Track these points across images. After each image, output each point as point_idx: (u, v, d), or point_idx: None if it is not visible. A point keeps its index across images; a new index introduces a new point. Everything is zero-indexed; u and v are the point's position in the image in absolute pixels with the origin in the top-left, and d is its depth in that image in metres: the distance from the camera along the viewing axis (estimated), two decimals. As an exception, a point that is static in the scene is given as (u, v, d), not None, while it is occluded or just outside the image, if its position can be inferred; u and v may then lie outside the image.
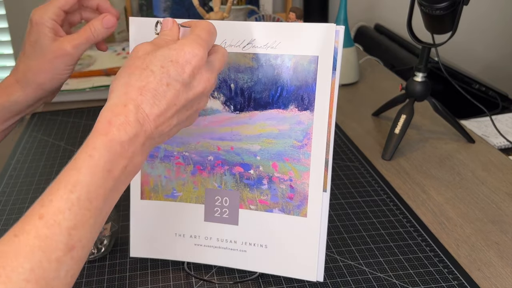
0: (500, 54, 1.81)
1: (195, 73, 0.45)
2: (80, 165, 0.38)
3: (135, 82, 0.43)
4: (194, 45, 0.45)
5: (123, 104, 0.41)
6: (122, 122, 0.41)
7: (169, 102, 0.43)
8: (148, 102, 0.42)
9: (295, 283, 0.62)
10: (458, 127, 0.96)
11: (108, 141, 0.40)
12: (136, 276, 0.63)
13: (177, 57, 0.44)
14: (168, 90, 0.43)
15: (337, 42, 0.55)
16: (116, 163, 0.40)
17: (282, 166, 0.59)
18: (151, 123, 0.42)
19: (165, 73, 0.43)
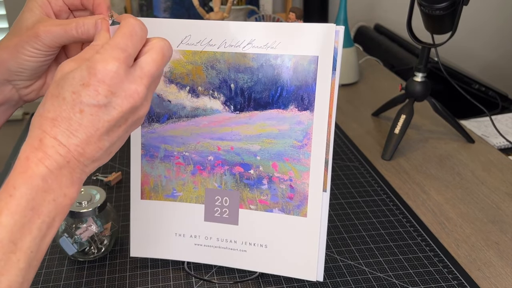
0: (499, 54, 1.81)
1: (114, 91, 0.40)
2: (1, 207, 0.36)
3: (47, 113, 0.40)
4: (106, 60, 0.40)
5: (38, 138, 0.39)
6: (40, 158, 0.38)
7: (88, 130, 0.40)
8: (63, 134, 0.39)
9: (295, 283, 0.62)
10: (458, 127, 0.96)
11: (28, 177, 0.38)
12: (136, 276, 0.63)
13: (89, 78, 0.39)
14: (83, 117, 0.39)
15: (337, 42, 0.55)
16: (40, 200, 0.38)
17: (282, 166, 0.59)
18: (73, 153, 0.40)
19: (77, 99, 0.39)
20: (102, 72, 0.39)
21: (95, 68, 0.39)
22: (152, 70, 0.43)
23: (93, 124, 0.40)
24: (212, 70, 0.58)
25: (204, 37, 0.57)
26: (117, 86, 0.40)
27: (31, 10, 0.49)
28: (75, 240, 0.64)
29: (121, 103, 0.40)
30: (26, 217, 0.37)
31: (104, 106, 0.40)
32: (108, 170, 0.86)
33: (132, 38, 0.42)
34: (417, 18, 0.88)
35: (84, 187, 0.67)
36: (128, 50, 0.41)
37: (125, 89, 0.41)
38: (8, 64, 0.48)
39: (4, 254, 0.35)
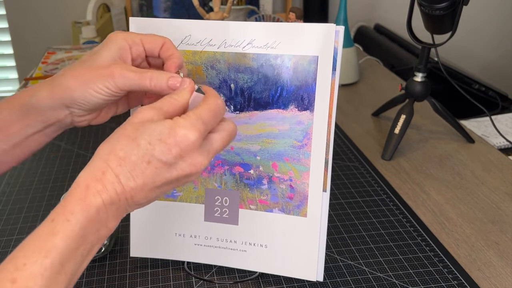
0: (500, 54, 1.81)
1: (183, 156, 0.43)
2: (58, 230, 0.39)
3: (119, 151, 0.42)
4: (189, 128, 0.43)
5: (102, 171, 0.42)
6: (99, 190, 0.41)
7: (147, 179, 0.43)
8: (125, 175, 0.42)
9: (295, 283, 0.62)
10: (458, 127, 0.96)
11: (86, 206, 0.40)
12: (136, 276, 0.63)
13: (167, 137, 0.43)
14: (148, 167, 0.42)
15: (337, 42, 0.55)
16: (90, 228, 0.40)
17: (282, 166, 0.59)
18: (127, 194, 0.42)
19: (150, 150, 0.42)
20: (182, 137, 0.43)
21: (176, 131, 0.43)
22: (219, 149, 0.47)
23: (153, 176, 0.43)
24: (212, 70, 0.58)
25: (204, 37, 0.57)
26: (188, 153, 0.43)
27: (110, 50, 0.51)
28: (75, 240, 0.64)
29: (184, 168, 0.44)
30: (76, 242, 0.39)
31: (169, 165, 0.43)
32: (108, 170, 0.86)
33: (214, 116, 0.46)
34: (417, 18, 0.88)
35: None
36: (208, 126, 0.45)
37: (193, 157, 0.44)
38: (73, 94, 0.49)
39: (52, 274, 0.38)
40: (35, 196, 0.81)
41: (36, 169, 0.89)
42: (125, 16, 1.61)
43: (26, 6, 1.68)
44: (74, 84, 0.49)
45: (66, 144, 0.98)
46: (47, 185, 0.84)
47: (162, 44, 0.52)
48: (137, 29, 0.58)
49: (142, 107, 0.45)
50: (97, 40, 1.47)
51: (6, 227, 0.74)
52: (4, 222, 0.75)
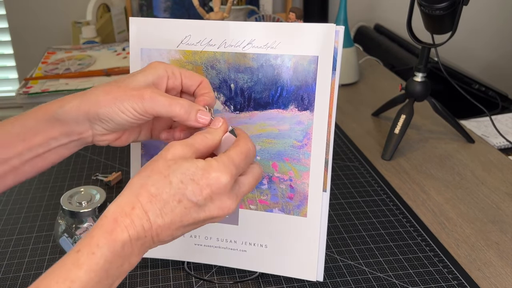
0: (500, 54, 1.81)
1: (214, 198, 0.44)
2: (82, 262, 0.39)
3: (150, 187, 0.43)
4: (221, 171, 0.44)
5: (131, 205, 0.42)
6: (127, 225, 0.41)
7: (175, 218, 0.43)
8: (154, 212, 0.42)
9: (295, 283, 0.62)
10: (458, 127, 0.96)
11: (112, 240, 0.40)
12: (136, 276, 0.63)
13: (200, 178, 0.43)
14: (177, 206, 0.43)
15: (337, 42, 0.55)
16: (114, 263, 0.41)
17: (282, 166, 0.59)
18: (153, 232, 0.43)
19: (182, 189, 0.43)
20: (214, 179, 0.43)
21: (209, 172, 0.43)
22: (246, 192, 0.47)
23: (181, 215, 0.43)
24: (212, 70, 0.58)
25: (204, 37, 0.57)
26: (218, 195, 0.44)
27: (146, 75, 0.51)
28: (75, 240, 0.64)
29: (212, 210, 0.44)
30: (98, 276, 0.39)
31: (199, 206, 0.44)
32: (108, 170, 0.86)
33: (245, 160, 0.46)
34: (417, 18, 0.88)
35: (84, 187, 0.67)
36: (239, 169, 0.46)
37: (222, 201, 0.44)
38: (100, 109, 0.49)
39: None
40: (35, 196, 0.81)
41: (36, 169, 0.89)
42: (125, 16, 1.61)
43: (26, 6, 1.68)
44: (103, 99, 0.49)
45: (66, 144, 0.98)
46: (47, 185, 0.84)
47: (200, 83, 0.52)
48: (137, 29, 0.58)
49: (174, 142, 0.45)
50: (97, 40, 1.47)
51: (6, 227, 0.74)
52: (4, 222, 0.75)
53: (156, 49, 0.58)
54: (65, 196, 0.66)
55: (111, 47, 1.41)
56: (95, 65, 1.28)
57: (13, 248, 0.69)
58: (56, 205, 0.78)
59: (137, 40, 0.58)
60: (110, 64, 1.28)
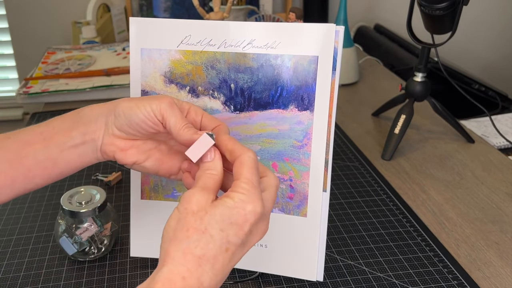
0: (499, 54, 1.81)
1: (252, 230, 0.43)
2: None
3: (194, 249, 0.40)
4: (253, 201, 0.42)
5: (181, 276, 0.39)
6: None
7: (226, 267, 0.41)
8: (207, 275, 0.40)
9: (295, 282, 0.62)
10: (458, 127, 0.96)
11: None
12: (136, 276, 0.63)
13: (237, 217, 0.41)
14: (227, 256, 0.41)
15: (337, 42, 0.55)
16: None
17: (282, 166, 0.59)
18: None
19: (225, 237, 0.41)
20: (251, 213, 0.41)
21: (244, 208, 0.41)
22: (271, 209, 0.45)
23: (230, 261, 0.42)
24: (212, 70, 0.58)
25: (204, 37, 0.57)
26: (256, 225, 0.43)
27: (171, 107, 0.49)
28: (75, 240, 0.64)
29: (253, 240, 0.43)
30: None
31: (243, 244, 0.42)
32: (108, 170, 0.86)
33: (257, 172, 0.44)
34: (417, 18, 0.88)
35: (84, 187, 0.67)
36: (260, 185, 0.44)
37: (259, 227, 0.43)
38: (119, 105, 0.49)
39: None
40: (35, 196, 0.81)
41: (36, 169, 0.89)
42: (125, 16, 1.61)
43: (26, 6, 1.68)
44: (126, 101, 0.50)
45: (66, 144, 0.98)
46: (47, 185, 0.84)
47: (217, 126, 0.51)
48: (137, 29, 0.58)
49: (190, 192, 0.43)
50: (97, 40, 1.47)
51: (6, 227, 0.74)
52: (4, 222, 0.75)
53: (156, 49, 0.58)
54: (65, 196, 0.66)
55: (111, 47, 1.41)
56: (95, 65, 1.28)
57: (13, 248, 0.69)
58: (56, 205, 0.79)
59: (137, 40, 0.58)
60: (110, 64, 1.28)
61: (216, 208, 0.42)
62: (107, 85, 1.17)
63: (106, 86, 1.17)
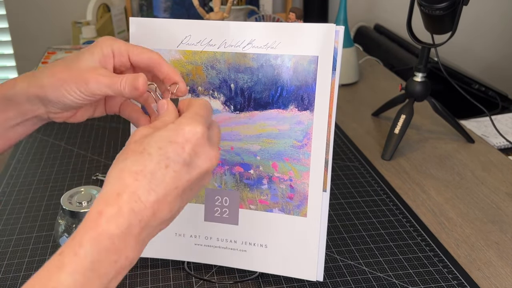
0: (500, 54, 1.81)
1: (197, 151, 0.42)
2: (65, 264, 0.36)
3: (131, 166, 0.40)
4: (193, 123, 0.43)
5: (116, 192, 0.39)
6: (113, 214, 0.38)
7: (169, 185, 0.40)
8: (144, 188, 0.39)
9: (295, 282, 0.62)
10: (458, 127, 0.96)
11: (96, 235, 0.37)
12: (136, 276, 0.63)
13: (176, 137, 0.42)
14: (167, 173, 0.40)
15: (337, 42, 0.55)
16: (103, 261, 0.37)
17: (282, 166, 0.59)
18: (148, 211, 0.39)
19: (163, 154, 0.40)
20: (190, 132, 0.42)
21: (182, 128, 0.42)
22: (218, 141, 0.47)
23: (174, 182, 0.41)
24: (212, 70, 0.58)
25: (204, 37, 0.57)
26: (200, 147, 0.42)
27: (92, 54, 0.50)
28: (75, 240, 0.64)
29: (201, 165, 0.43)
30: (86, 277, 0.36)
31: (187, 165, 0.42)
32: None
33: (207, 111, 0.46)
34: (417, 18, 0.88)
35: (84, 187, 0.67)
36: (207, 120, 0.45)
37: (206, 151, 0.43)
38: (47, 93, 0.50)
39: None
40: (35, 196, 0.81)
41: (36, 169, 0.89)
42: (125, 16, 1.61)
43: (26, 6, 1.68)
44: (49, 82, 0.49)
45: (66, 144, 0.98)
46: (47, 185, 0.84)
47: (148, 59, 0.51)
48: (137, 29, 0.58)
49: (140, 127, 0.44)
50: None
51: (6, 227, 0.74)
52: (4, 222, 0.75)
53: (156, 49, 0.58)
54: (65, 196, 0.66)
55: (111, 47, 1.41)
56: (95, 65, 1.28)
57: (13, 248, 0.69)
58: (56, 205, 0.78)
59: (137, 40, 0.58)
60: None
61: (156, 131, 0.42)
62: (107, 85, 1.16)
63: (106, 86, 1.16)
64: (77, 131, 1.03)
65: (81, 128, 1.04)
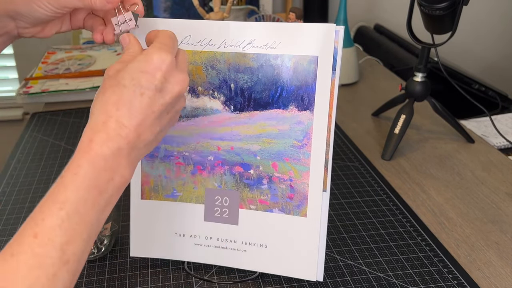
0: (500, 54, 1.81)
1: (167, 77, 0.46)
2: (67, 184, 0.40)
3: (109, 99, 0.44)
4: (160, 52, 0.46)
5: (101, 122, 0.43)
6: (103, 139, 0.42)
7: (146, 110, 0.45)
8: (125, 115, 0.44)
9: (295, 282, 0.62)
10: (458, 127, 0.96)
11: (91, 157, 0.42)
12: (136, 276, 0.63)
13: (146, 66, 0.45)
14: (142, 99, 0.45)
15: (337, 42, 0.55)
16: (101, 178, 0.42)
17: (282, 166, 0.59)
18: (132, 134, 0.44)
19: (137, 84, 0.45)
20: (158, 60, 0.45)
21: (151, 57, 0.46)
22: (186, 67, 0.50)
23: (150, 106, 0.45)
24: (212, 70, 0.58)
25: (204, 37, 0.57)
26: (170, 73, 0.46)
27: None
28: (75, 240, 0.64)
29: (172, 89, 0.46)
30: (89, 193, 0.41)
31: (159, 90, 0.45)
32: (108, 170, 0.86)
33: (172, 40, 0.49)
34: (417, 18, 0.88)
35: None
36: (174, 48, 0.48)
37: (176, 76, 0.47)
38: (17, 7, 0.54)
39: (71, 225, 0.39)
40: (35, 196, 0.81)
41: (36, 169, 0.89)
42: (125, 16, 1.61)
43: (26, 6, 1.68)
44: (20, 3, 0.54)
45: (66, 144, 0.98)
46: (47, 185, 0.84)
47: None
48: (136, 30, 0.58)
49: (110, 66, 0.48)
50: (97, 40, 1.47)
51: (6, 227, 0.74)
52: (4, 222, 0.75)
53: (156, 49, 0.58)
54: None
55: (111, 47, 1.41)
56: (95, 65, 1.28)
57: (13, 248, 0.69)
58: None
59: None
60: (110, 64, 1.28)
61: (127, 65, 0.46)
62: (107, 85, 1.17)
63: (106, 86, 1.16)
64: (77, 131, 1.03)
65: (81, 128, 1.04)
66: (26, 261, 0.37)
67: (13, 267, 0.37)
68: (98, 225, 0.42)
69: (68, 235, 0.39)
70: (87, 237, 0.41)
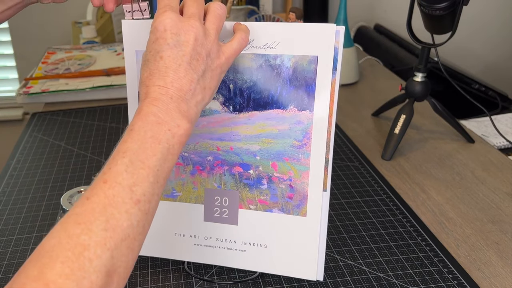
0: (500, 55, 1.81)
1: (176, 32, 0.49)
2: (126, 139, 0.45)
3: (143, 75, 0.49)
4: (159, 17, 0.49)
5: (144, 93, 0.49)
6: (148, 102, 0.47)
7: (172, 66, 0.48)
8: (158, 79, 0.48)
9: (295, 282, 0.62)
10: (458, 127, 0.96)
11: (142, 116, 0.47)
12: (136, 276, 0.63)
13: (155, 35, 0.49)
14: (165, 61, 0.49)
15: (338, 42, 0.55)
16: (157, 130, 0.46)
17: (282, 166, 0.59)
18: (173, 89, 0.48)
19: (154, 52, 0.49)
20: (160, 24, 0.49)
21: (154, 26, 0.49)
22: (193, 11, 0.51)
23: (175, 61, 0.49)
24: (211, 70, 0.58)
25: (203, 37, 0.57)
26: (176, 27, 0.49)
27: None
28: (75, 240, 0.64)
29: (186, 38, 0.49)
30: (147, 143, 0.45)
31: (174, 46, 0.49)
32: (108, 170, 0.86)
33: None
34: (417, 18, 0.88)
35: (84, 187, 0.68)
36: (171, 4, 0.51)
37: (182, 27, 0.49)
38: None
39: (135, 169, 0.44)
40: (35, 196, 0.81)
41: (36, 169, 0.89)
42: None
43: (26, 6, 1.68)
44: None
45: (66, 144, 0.98)
46: (47, 185, 0.84)
47: None
48: (130, 31, 0.58)
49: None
50: (97, 40, 1.47)
51: (6, 227, 0.74)
52: (4, 222, 0.75)
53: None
54: (65, 196, 0.66)
55: (111, 47, 1.41)
56: (95, 65, 1.28)
57: (13, 248, 0.69)
58: (56, 205, 0.78)
59: (131, 42, 0.58)
60: (110, 64, 1.28)
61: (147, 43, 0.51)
62: (107, 85, 1.17)
63: (106, 86, 1.17)
64: (77, 131, 1.03)
65: (81, 128, 1.04)
66: (100, 201, 0.41)
67: (89, 207, 0.41)
68: (163, 171, 0.46)
69: (134, 178, 0.43)
70: (154, 180, 0.44)
